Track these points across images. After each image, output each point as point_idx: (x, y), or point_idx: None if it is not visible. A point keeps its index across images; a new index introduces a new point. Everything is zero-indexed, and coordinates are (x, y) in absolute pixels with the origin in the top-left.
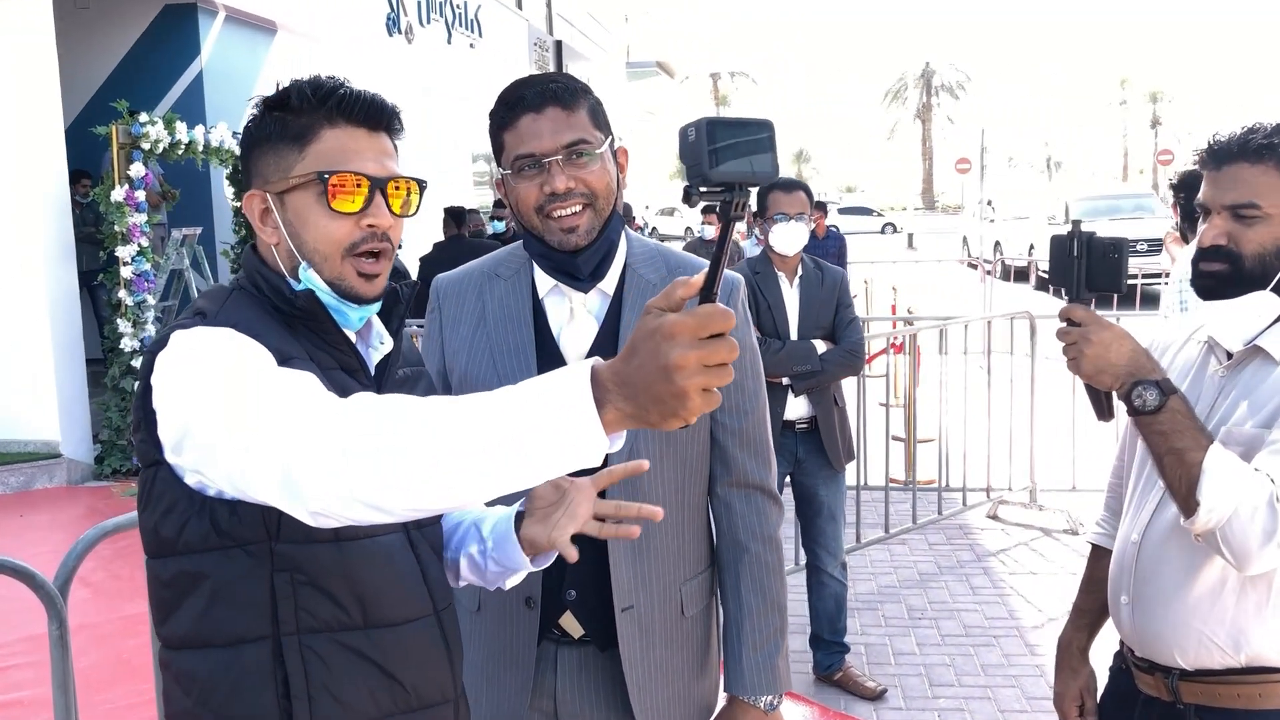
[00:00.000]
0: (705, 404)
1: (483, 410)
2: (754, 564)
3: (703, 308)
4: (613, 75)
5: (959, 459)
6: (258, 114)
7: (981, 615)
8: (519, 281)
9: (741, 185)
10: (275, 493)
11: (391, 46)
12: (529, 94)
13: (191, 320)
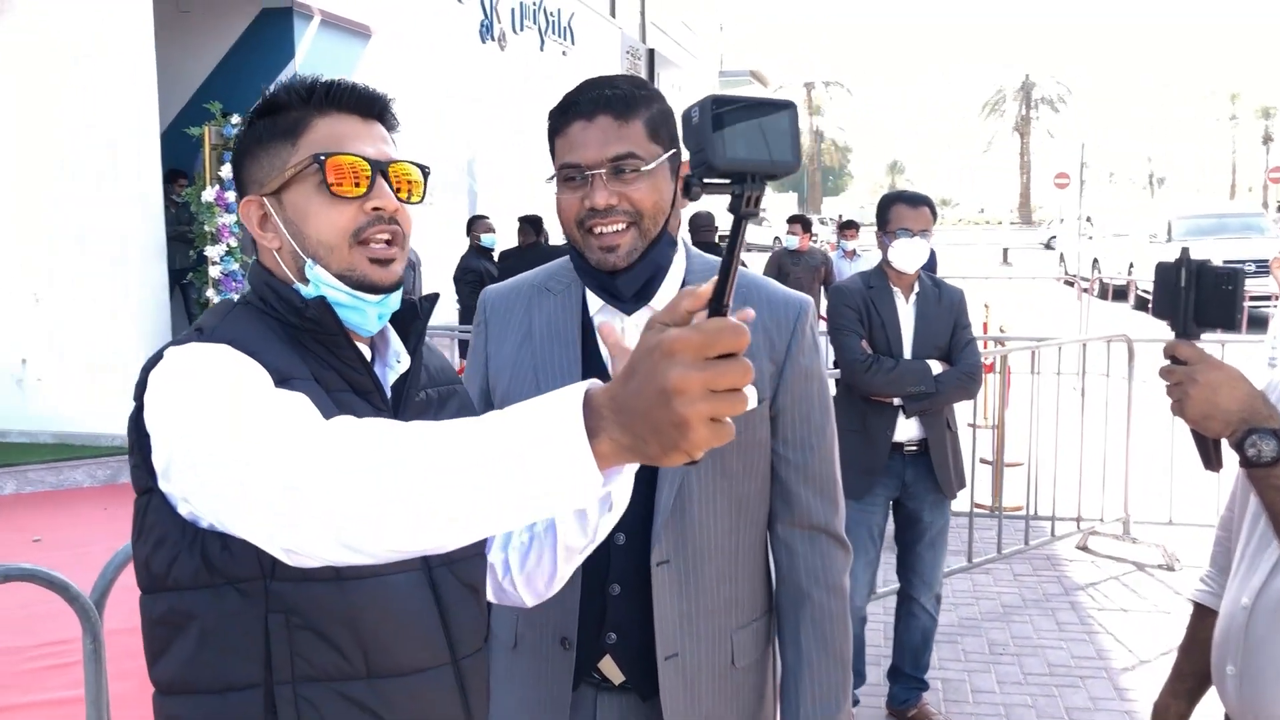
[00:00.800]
0: (713, 436)
1: (464, 440)
2: (816, 613)
3: (710, 321)
4: (705, 84)
5: (1048, 486)
6: (246, 125)
7: (1067, 653)
8: (569, 297)
9: (754, 176)
10: (251, 527)
11: (484, 53)
12: (584, 99)
13: (188, 336)
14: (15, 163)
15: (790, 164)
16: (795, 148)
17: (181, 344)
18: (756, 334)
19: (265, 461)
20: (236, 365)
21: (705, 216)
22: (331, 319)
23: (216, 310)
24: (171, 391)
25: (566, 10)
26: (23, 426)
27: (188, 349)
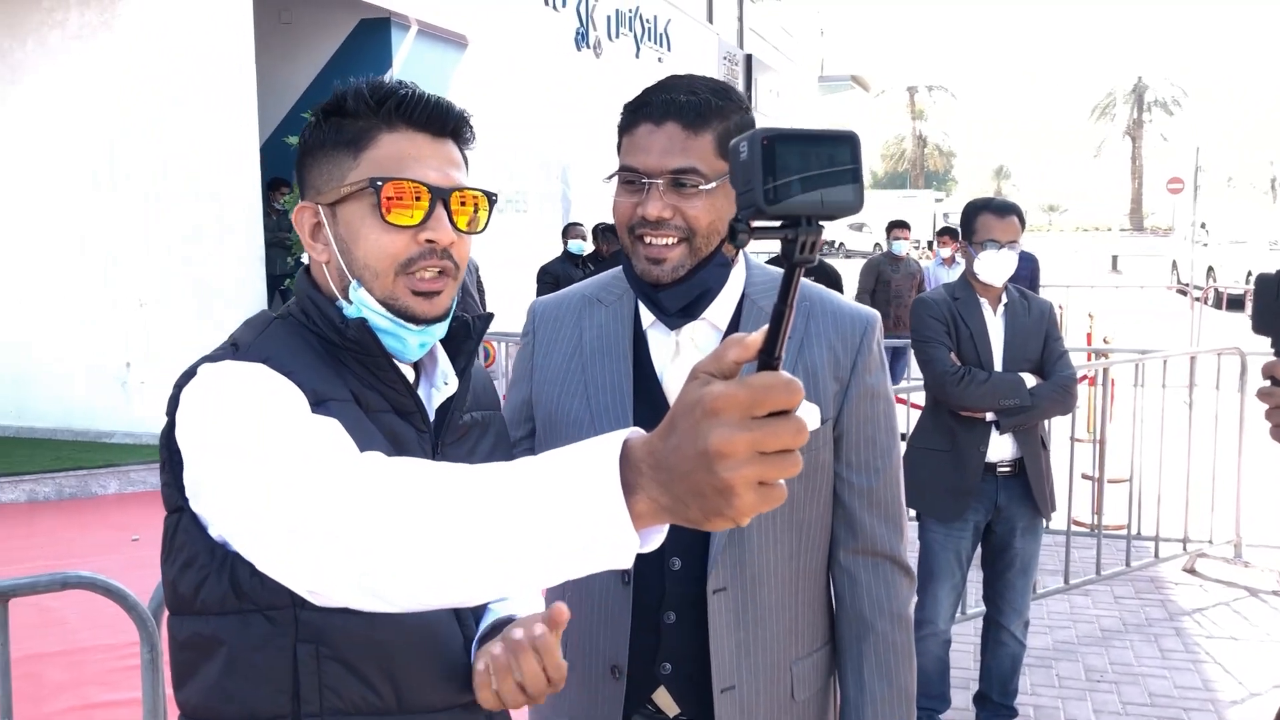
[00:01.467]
0: (761, 502)
1: (495, 492)
2: (879, 644)
3: (758, 376)
4: (805, 89)
5: (1153, 504)
6: (313, 121)
7: (1170, 683)
8: (621, 308)
9: (810, 219)
10: (270, 561)
11: (580, 61)
12: (656, 100)
13: (223, 352)
14: (119, 171)
15: (851, 205)
16: (857, 187)
17: (215, 360)
18: (821, 350)
19: (288, 497)
20: (270, 386)
21: None
22: (372, 341)
23: (253, 324)
24: (201, 411)
25: (663, 16)
26: (126, 428)
27: (221, 367)
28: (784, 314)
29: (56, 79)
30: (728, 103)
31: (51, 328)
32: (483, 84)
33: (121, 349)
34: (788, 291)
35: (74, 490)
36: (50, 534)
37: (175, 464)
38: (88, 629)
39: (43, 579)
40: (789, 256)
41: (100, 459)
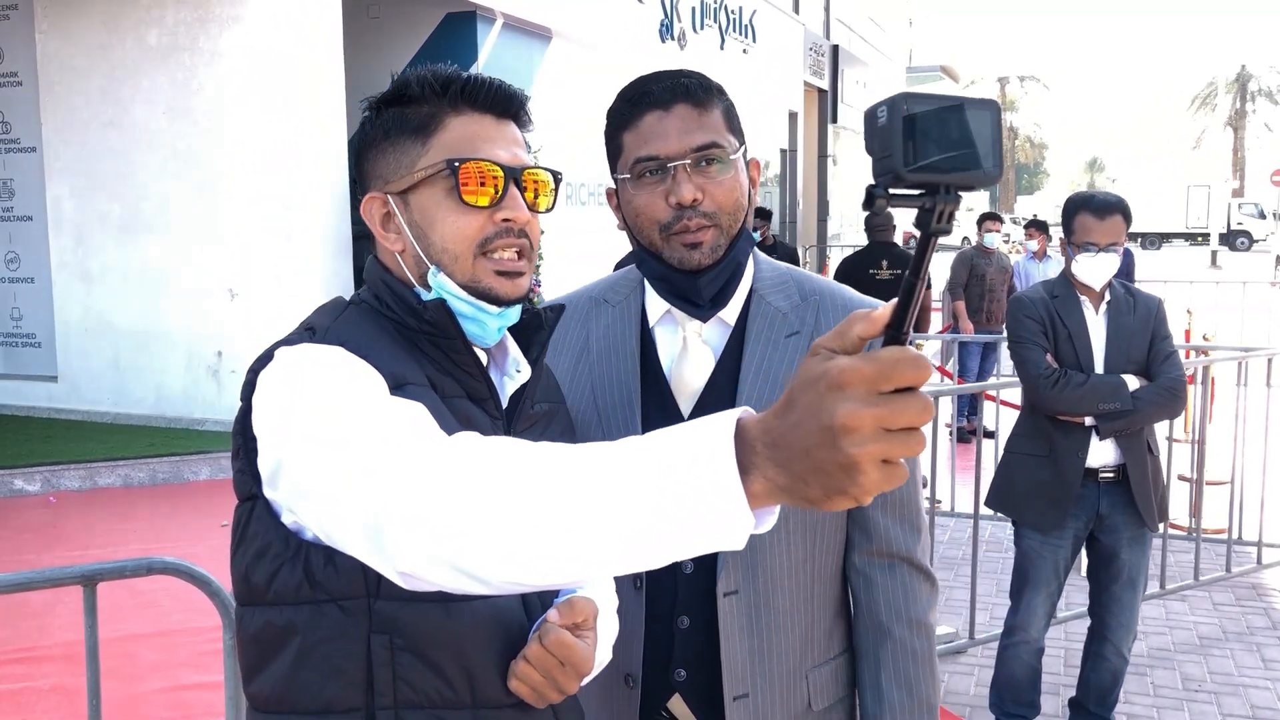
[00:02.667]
0: (885, 480)
1: (604, 469)
2: (898, 652)
3: (886, 351)
4: (893, 80)
5: (1255, 507)
6: (371, 113)
7: (1274, 694)
8: (627, 308)
9: (948, 187)
10: (362, 545)
11: (664, 53)
12: (656, 89)
13: (299, 336)
14: (210, 161)
15: (991, 175)
16: (997, 155)
17: (293, 344)
18: None
19: (383, 478)
20: (350, 369)
21: (884, 215)
22: (451, 323)
23: (328, 309)
24: (281, 394)
25: (748, 7)
26: (218, 416)
27: (299, 349)
28: (915, 287)
29: (153, 74)
30: (717, 84)
31: (148, 317)
32: (567, 77)
33: (214, 339)
34: (920, 263)
35: (167, 476)
36: (144, 519)
37: (250, 450)
38: (180, 612)
39: (129, 564)
40: (925, 226)
41: (193, 445)
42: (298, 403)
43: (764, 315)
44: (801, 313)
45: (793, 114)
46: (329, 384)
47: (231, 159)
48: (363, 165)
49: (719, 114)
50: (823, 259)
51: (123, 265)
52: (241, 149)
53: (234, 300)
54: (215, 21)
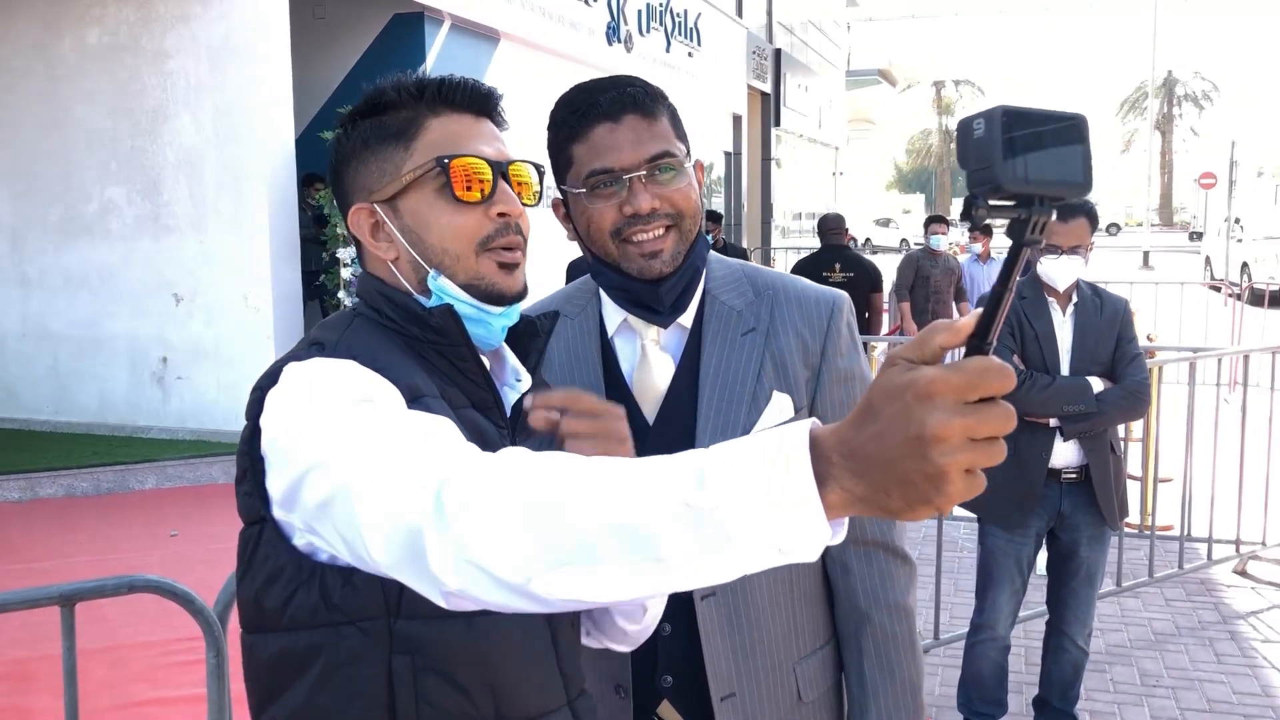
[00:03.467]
0: (968, 489)
1: (673, 482)
2: (878, 636)
3: (973, 361)
4: (832, 83)
5: (1204, 504)
6: (345, 128)
7: (1229, 689)
8: (585, 319)
9: (1043, 199)
10: (403, 565)
11: (611, 55)
12: (604, 100)
13: (307, 351)
14: (153, 163)
15: (1085, 185)
16: (1090, 167)
17: (302, 359)
18: (788, 337)
19: (424, 492)
20: (367, 382)
21: (835, 219)
22: (457, 328)
23: (335, 323)
24: (295, 411)
25: (693, 11)
26: (163, 423)
27: (311, 365)
28: (1003, 297)
29: (94, 75)
30: (660, 90)
31: (90, 322)
32: (515, 79)
33: (159, 344)
34: (1009, 274)
35: (112, 485)
36: (89, 530)
37: (258, 472)
38: (130, 625)
39: (109, 582)
40: (1018, 236)
41: (138, 454)
42: (316, 419)
43: (719, 315)
44: (756, 309)
45: (737, 117)
46: (348, 399)
47: (176, 161)
48: (342, 181)
49: (666, 121)
50: (767, 260)
51: (63, 269)
52: (186, 151)
53: (179, 305)
54: (159, 21)
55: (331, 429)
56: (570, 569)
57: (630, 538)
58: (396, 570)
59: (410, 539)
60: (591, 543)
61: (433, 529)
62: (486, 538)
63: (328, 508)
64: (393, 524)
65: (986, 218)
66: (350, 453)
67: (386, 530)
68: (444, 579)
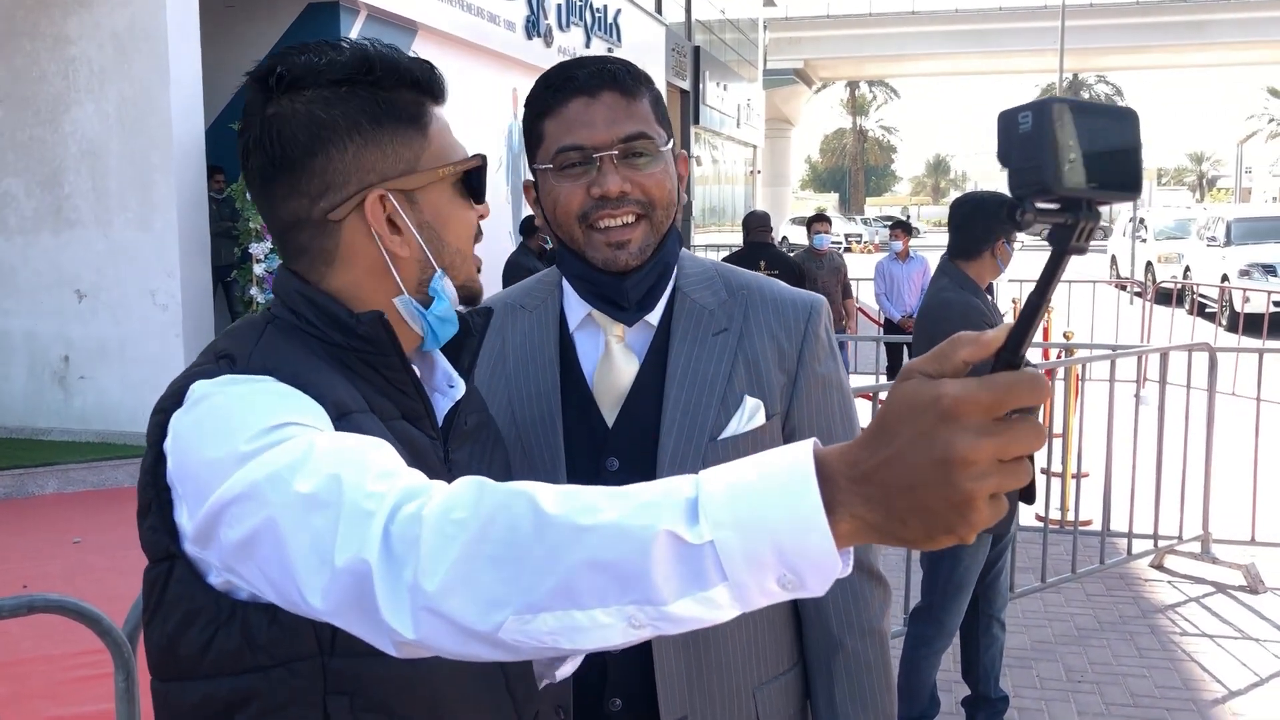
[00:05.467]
0: (992, 515)
1: (661, 514)
2: (851, 664)
3: (1002, 376)
4: (750, 82)
5: (1123, 500)
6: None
7: (1151, 682)
8: (545, 313)
9: (1092, 203)
10: (347, 613)
11: (530, 49)
12: (581, 74)
13: (215, 366)
14: (54, 154)
15: (1136, 189)
16: (1138, 168)
17: (210, 376)
18: (763, 340)
19: (365, 529)
20: (290, 401)
21: (760, 216)
22: (388, 338)
23: (244, 331)
24: (209, 437)
25: (613, 7)
26: (65, 425)
27: (221, 384)
28: (1039, 309)
29: None
30: (645, 74)
31: None
32: None
33: (60, 342)
34: (1049, 284)
35: (9, 490)
36: None
37: (164, 504)
38: (30, 639)
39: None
40: (1062, 242)
41: (38, 457)
42: (232, 446)
43: (689, 313)
44: (729, 309)
45: None
46: (267, 421)
47: (78, 152)
48: (325, 155)
49: (648, 104)
50: None
51: None
52: (89, 141)
53: (82, 301)
54: (58, 5)
55: (250, 457)
56: (546, 616)
57: (613, 578)
58: (338, 617)
59: (354, 583)
60: (569, 584)
61: (381, 571)
62: (446, 579)
63: (250, 547)
64: (331, 567)
65: (1034, 223)
66: (274, 483)
67: (324, 574)
68: (399, 629)
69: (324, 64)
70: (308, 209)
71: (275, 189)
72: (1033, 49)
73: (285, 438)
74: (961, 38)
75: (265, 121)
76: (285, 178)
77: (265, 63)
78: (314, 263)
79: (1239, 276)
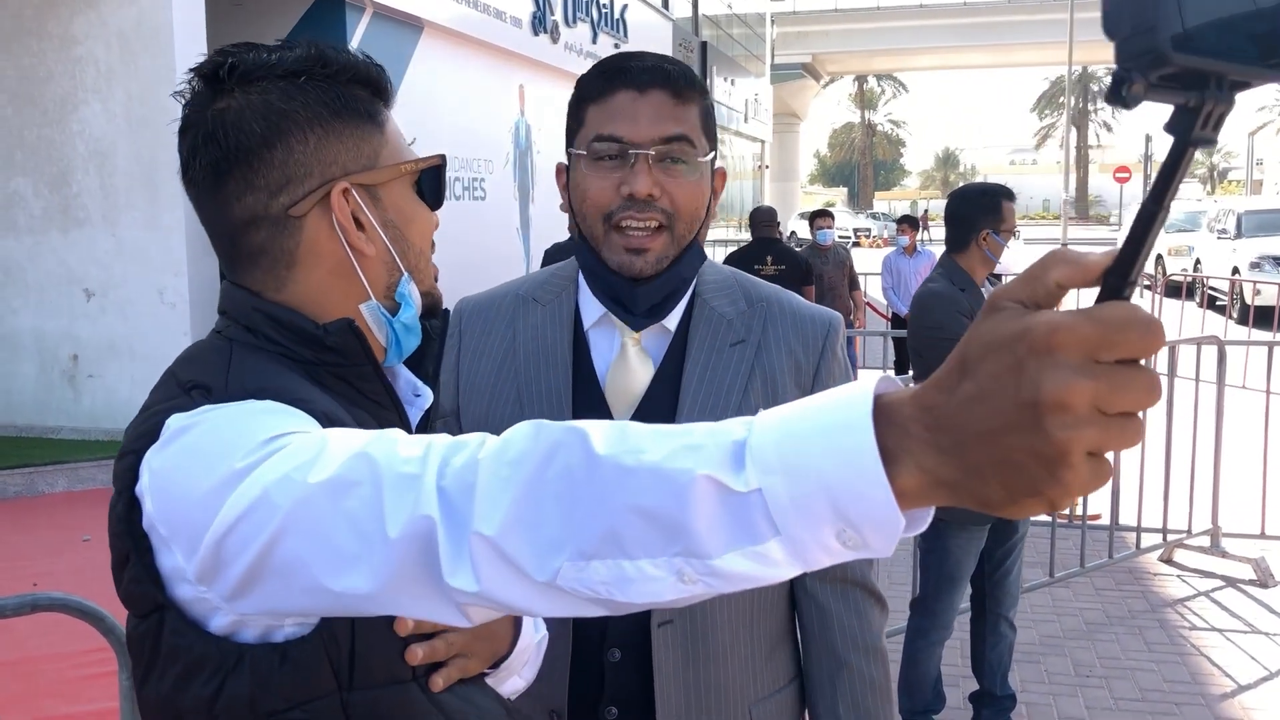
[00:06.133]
0: (1093, 477)
1: (705, 459)
2: (854, 682)
3: (1110, 307)
4: (758, 78)
5: (1132, 494)
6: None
7: (1160, 677)
8: (559, 308)
9: (1223, 79)
10: (405, 585)
11: (537, 45)
12: (635, 67)
13: (189, 399)
14: (61, 153)
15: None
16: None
17: (185, 409)
18: (780, 355)
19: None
20: (282, 415)
21: (767, 212)
22: (360, 347)
23: (205, 359)
24: (200, 465)
25: (619, 2)
26: (74, 423)
27: (201, 413)
28: (1155, 218)
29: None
30: (701, 84)
31: None
32: (439, 68)
33: (69, 341)
34: (1167, 186)
35: (20, 489)
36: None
37: (143, 552)
38: (39, 636)
39: (10, 601)
40: (1185, 131)
41: (48, 455)
42: (230, 465)
43: (707, 321)
44: (748, 320)
45: None
46: (263, 435)
47: (86, 151)
48: (285, 145)
49: (696, 111)
50: None
51: None
52: (96, 140)
53: (90, 300)
54: (65, 4)
55: (248, 471)
56: (597, 564)
57: (657, 526)
58: (392, 596)
59: (417, 548)
60: (616, 531)
61: (445, 525)
62: (506, 520)
63: (267, 562)
64: (382, 541)
65: (1144, 97)
66: (285, 486)
67: (374, 552)
68: (462, 585)
69: (275, 58)
70: (265, 204)
71: (228, 185)
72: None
73: (286, 444)
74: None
75: (216, 115)
76: (239, 171)
77: (212, 58)
78: (272, 266)
79: (1249, 269)
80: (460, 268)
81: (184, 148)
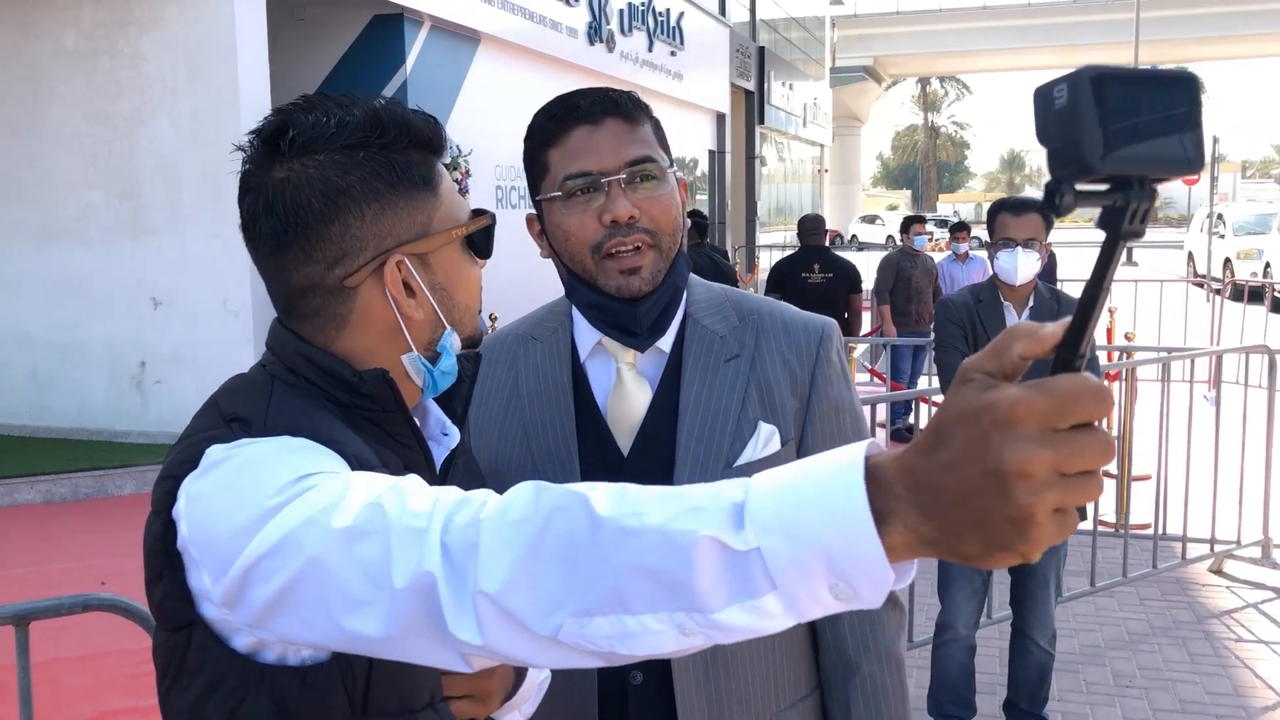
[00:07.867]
0: (1057, 532)
1: (706, 519)
2: (867, 688)
3: (1063, 380)
4: (818, 81)
5: (1179, 503)
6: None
7: (1201, 689)
8: (556, 343)
9: (1144, 180)
10: (411, 634)
11: (593, 55)
12: (584, 103)
13: (228, 430)
14: (131, 167)
15: (1195, 163)
16: (1197, 139)
17: (225, 441)
18: (775, 365)
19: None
20: (313, 455)
21: (813, 220)
22: (391, 395)
23: (247, 393)
24: (234, 497)
25: (676, 10)
26: (142, 428)
27: (239, 446)
28: (1096, 300)
29: (70, 79)
30: (644, 103)
31: (68, 327)
32: (496, 80)
33: (138, 349)
34: (1104, 273)
35: (90, 491)
36: (68, 535)
37: (176, 570)
38: (105, 633)
39: (64, 601)
40: (1114, 227)
41: (117, 459)
42: (261, 501)
43: (701, 340)
44: (740, 335)
45: (720, 115)
46: (294, 474)
47: (153, 165)
48: (346, 219)
49: (649, 129)
50: (752, 259)
51: (40, 274)
52: (163, 155)
53: (157, 309)
54: (135, 24)
55: (279, 509)
56: (600, 620)
57: (660, 584)
58: (399, 643)
59: (419, 600)
60: (619, 589)
61: (446, 580)
62: (508, 579)
63: (288, 597)
64: (389, 590)
65: (1074, 207)
66: (310, 527)
67: (382, 600)
68: (466, 637)
69: (334, 125)
70: (322, 275)
71: (287, 254)
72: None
73: (313, 485)
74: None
75: (277, 185)
76: (299, 245)
77: (272, 121)
78: (324, 326)
79: None
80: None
81: (244, 209)
